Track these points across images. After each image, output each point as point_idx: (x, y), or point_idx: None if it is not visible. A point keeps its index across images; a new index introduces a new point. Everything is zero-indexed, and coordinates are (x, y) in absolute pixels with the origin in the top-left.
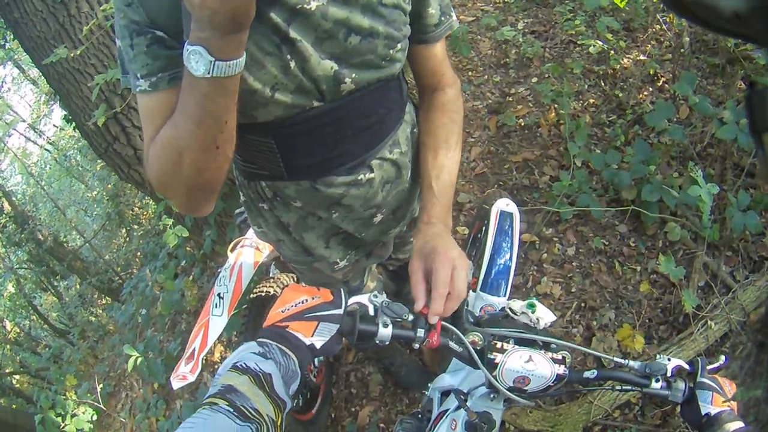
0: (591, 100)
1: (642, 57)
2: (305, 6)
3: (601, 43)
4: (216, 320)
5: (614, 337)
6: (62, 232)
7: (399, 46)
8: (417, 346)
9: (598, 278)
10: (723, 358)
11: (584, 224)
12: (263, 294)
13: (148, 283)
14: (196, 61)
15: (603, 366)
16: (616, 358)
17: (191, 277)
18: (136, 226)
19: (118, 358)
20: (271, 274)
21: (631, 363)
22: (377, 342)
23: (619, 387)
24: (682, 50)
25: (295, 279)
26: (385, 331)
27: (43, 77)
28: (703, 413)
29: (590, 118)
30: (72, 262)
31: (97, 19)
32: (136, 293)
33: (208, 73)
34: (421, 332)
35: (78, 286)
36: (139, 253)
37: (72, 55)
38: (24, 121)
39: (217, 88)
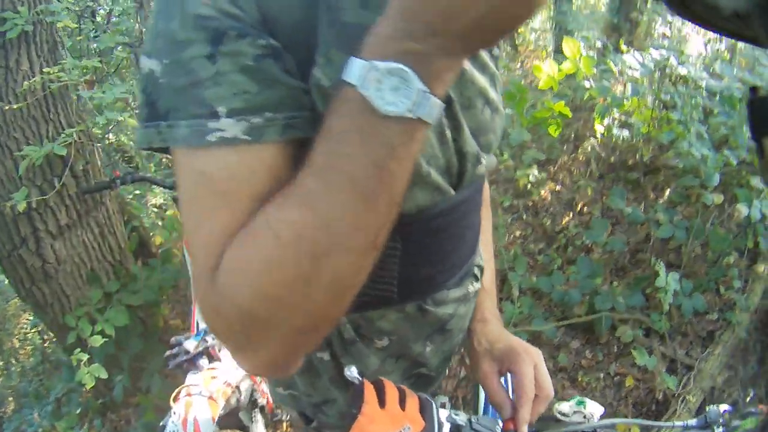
0: (518, 232)
1: (558, 187)
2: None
3: (532, 175)
4: None
5: None
6: None
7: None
8: None
9: (564, 395)
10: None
11: (539, 346)
12: None
13: (37, 430)
14: (394, 89)
15: None
16: (676, 422)
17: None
18: (14, 361)
19: None
20: None
21: (689, 422)
22: None
23: None
24: (594, 173)
25: None
26: None
27: None
28: None
29: (521, 249)
30: None
31: (38, 79)
32: None
33: (410, 111)
34: None
35: None
36: (12, 395)
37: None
38: None
39: (409, 138)
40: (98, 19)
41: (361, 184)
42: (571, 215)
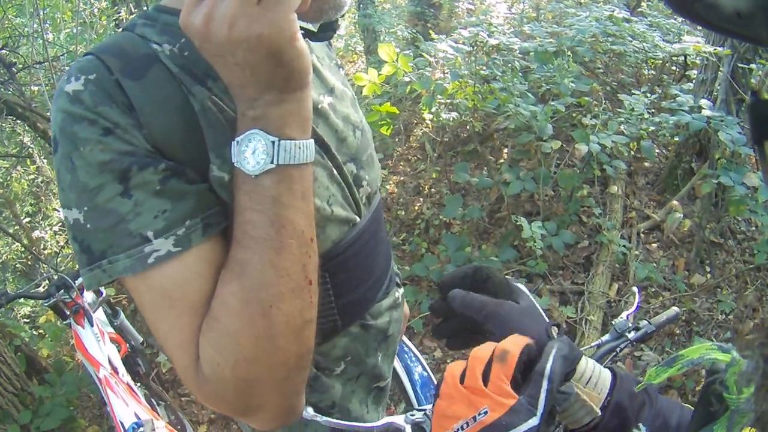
0: None
1: (402, 177)
2: (322, 105)
3: None
4: None
5: None
6: None
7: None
8: None
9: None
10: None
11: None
12: None
13: None
14: (253, 151)
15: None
16: (591, 344)
17: None
18: None
19: None
20: None
21: (602, 338)
22: None
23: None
24: (432, 156)
25: None
26: None
27: None
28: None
29: None
30: None
31: None
32: None
33: (272, 161)
34: None
35: None
36: None
37: None
38: None
39: (288, 185)
40: None
41: (268, 240)
42: (421, 200)
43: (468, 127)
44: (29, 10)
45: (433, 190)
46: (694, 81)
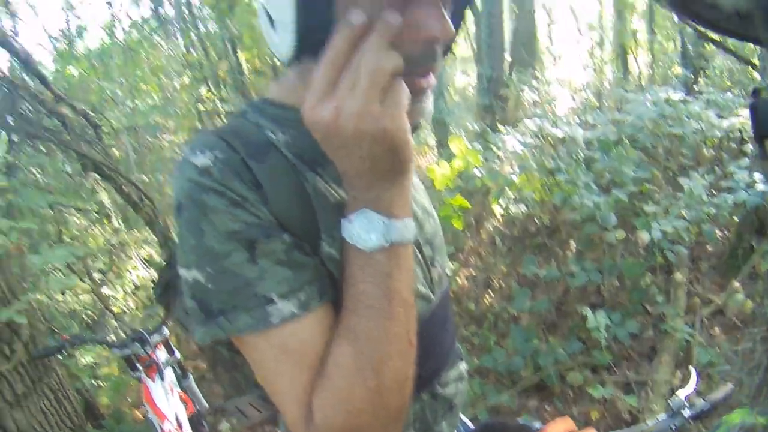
0: None
1: (473, 271)
2: None
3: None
4: None
5: None
6: None
7: None
8: None
9: None
10: None
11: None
12: None
13: None
14: (366, 230)
15: None
16: (647, 423)
17: None
18: None
19: None
20: None
21: (658, 417)
22: None
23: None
24: (501, 250)
25: None
26: None
27: None
28: None
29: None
30: None
31: None
32: None
33: (386, 240)
34: None
35: None
36: None
37: None
38: None
39: (397, 260)
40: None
41: (381, 309)
42: (490, 293)
43: (536, 219)
44: (118, 77)
45: (502, 283)
46: (749, 155)
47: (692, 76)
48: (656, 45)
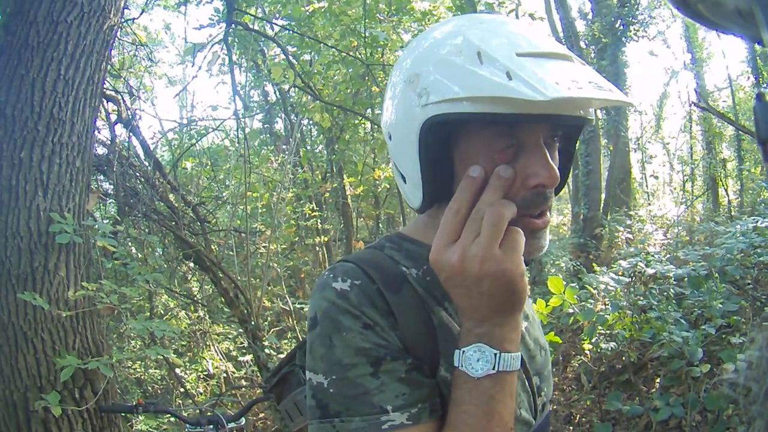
0: None
1: (555, 406)
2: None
3: None
4: None
5: None
6: None
7: None
8: None
9: None
10: None
11: None
12: None
13: None
14: (477, 359)
15: None
16: None
17: None
18: None
19: None
20: None
21: None
22: None
23: None
24: (587, 387)
25: None
26: None
27: None
28: None
29: None
30: None
31: (81, 292)
32: None
33: (493, 368)
34: None
35: None
36: None
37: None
38: None
39: (502, 386)
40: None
41: (480, 427)
42: (571, 429)
43: (623, 357)
44: (230, 179)
45: (584, 419)
46: None
47: None
48: (744, 172)
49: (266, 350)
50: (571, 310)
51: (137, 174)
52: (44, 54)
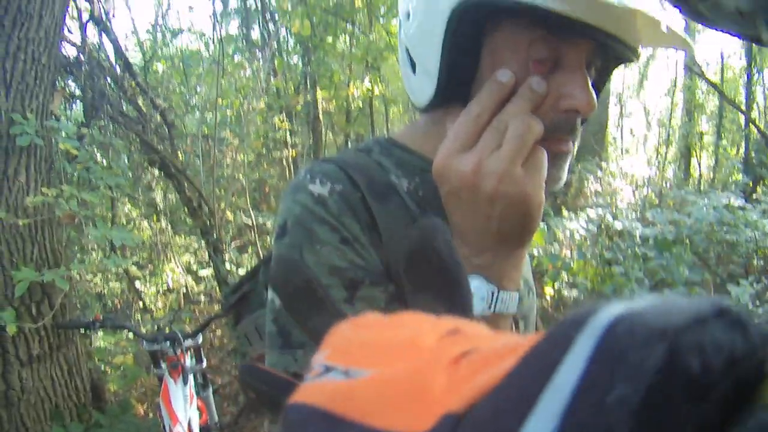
0: None
1: None
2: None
3: None
4: None
5: None
6: None
7: None
8: None
9: None
10: None
11: None
12: None
13: None
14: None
15: None
16: None
17: None
18: None
19: None
20: None
21: None
22: None
23: None
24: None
25: None
26: None
27: None
28: None
29: None
30: None
31: (39, 198)
32: None
33: (489, 308)
34: None
35: None
36: None
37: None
38: None
39: (495, 328)
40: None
41: None
42: None
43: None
44: (200, 84)
45: None
46: None
47: (752, 184)
48: (721, 149)
49: (227, 264)
50: (535, 252)
51: (106, 75)
52: None
